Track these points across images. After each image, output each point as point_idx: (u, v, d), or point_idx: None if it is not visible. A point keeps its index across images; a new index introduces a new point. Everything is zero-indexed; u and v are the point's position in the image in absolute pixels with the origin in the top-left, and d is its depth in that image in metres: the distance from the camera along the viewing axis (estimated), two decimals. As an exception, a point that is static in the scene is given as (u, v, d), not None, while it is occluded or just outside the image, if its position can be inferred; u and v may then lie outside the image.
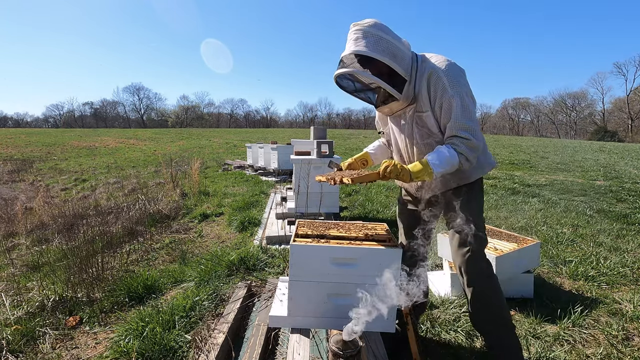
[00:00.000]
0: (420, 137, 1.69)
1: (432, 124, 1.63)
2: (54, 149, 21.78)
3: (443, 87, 1.54)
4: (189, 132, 42.34)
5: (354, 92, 1.72)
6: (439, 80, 1.54)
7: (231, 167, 11.69)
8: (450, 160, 1.51)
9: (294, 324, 1.93)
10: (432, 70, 1.55)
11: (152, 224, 4.98)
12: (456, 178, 1.72)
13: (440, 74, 1.54)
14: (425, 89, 1.58)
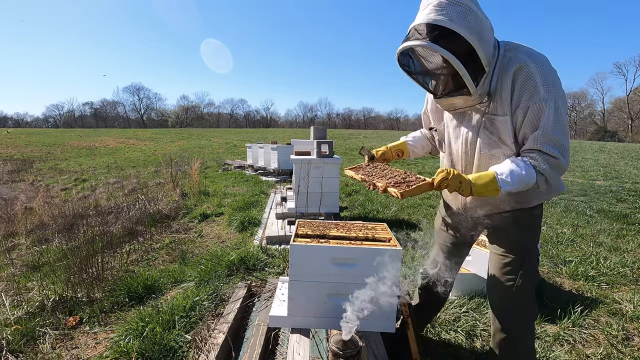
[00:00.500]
0: (486, 146, 1.37)
1: (506, 131, 1.31)
2: (54, 149, 21.78)
3: (534, 88, 1.22)
4: (189, 132, 42.35)
5: (412, 74, 1.36)
6: (529, 78, 1.23)
7: (231, 167, 11.70)
8: (526, 179, 1.23)
9: (294, 324, 1.93)
10: (522, 64, 1.23)
11: (152, 224, 4.98)
12: (512, 200, 1.42)
13: (532, 70, 1.22)
14: (508, 86, 1.26)
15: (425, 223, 4.76)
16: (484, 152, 1.39)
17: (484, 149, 1.38)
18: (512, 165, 1.25)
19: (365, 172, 1.57)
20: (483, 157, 1.39)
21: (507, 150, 1.34)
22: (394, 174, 1.46)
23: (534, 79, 1.22)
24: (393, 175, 1.46)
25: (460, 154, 1.48)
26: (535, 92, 1.22)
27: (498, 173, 1.24)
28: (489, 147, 1.37)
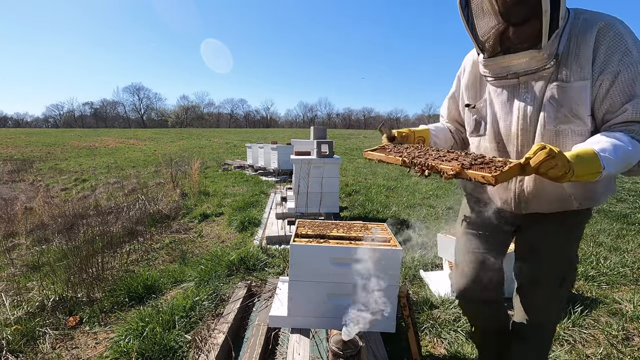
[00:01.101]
0: (551, 121, 1.15)
1: (582, 101, 1.09)
2: (54, 149, 21.78)
3: (625, 49, 1.03)
4: (189, 132, 42.36)
5: (471, 18, 1.20)
6: (618, 38, 1.03)
7: (231, 167, 11.70)
8: (633, 157, 1.01)
9: (294, 324, 1.93)
10: (607, 22, 1.06)
11: (152, 224, 4.98)
12: (581, 195, 1.21)
13: (620, 29, 1.04)
14: (588, 47, 1.06)
15: (424, 223, 4.77)
16: (548, 128, 1.16)
17: (548, 124, 1.15)
18: (612, 140, 0.99)
19: (397, 153, 1.29)
20: (547, 134, 1.16)
21: (579, 125, 1.12)
22: (440, 153, 1.18)
23: (624, 39, 1.03)
24: (440, 154, 1.17)
25: (515, 133, 1.23)
26: (627, 54, 1.03)
27: (599, 150, 0.95)
28: (556, 121, 1.14)
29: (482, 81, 1.34)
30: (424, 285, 3.00)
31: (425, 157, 1.15)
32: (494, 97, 1.29)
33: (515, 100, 1.22)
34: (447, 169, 1.02)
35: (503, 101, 1.26)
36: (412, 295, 2.75)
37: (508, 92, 1.24)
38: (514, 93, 1.22)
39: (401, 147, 1.33)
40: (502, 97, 1.26)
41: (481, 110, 1.36)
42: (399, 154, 1.24)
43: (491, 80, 1.27)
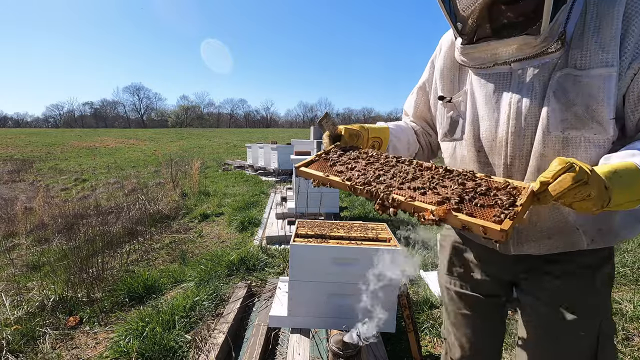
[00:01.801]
0: (557, 123, 0.83)
1: (603, 97, 0.79)
2: (54, 149, 21.79)
3: None
4: (188, 132, 42.36)
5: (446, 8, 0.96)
6: None
7: (231, 167, 11.70)
8: None
9: (294, 324, 1.93)
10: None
11: (152, 224, 4.98)
12: (594, 228, 0.88)
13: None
14: (613, 21, 0.78)
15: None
16: (552, 135, 0.83)
17: (553, 128, 0.82)
18: None
19: (341, 170, 0.94)
20: (549, 143, 0.83)
21: (597, 132, 0.80)
22: (406, 169, 0.90)
23: None
24: (407, 172, 0.88)
25: (503, 138, 0.90)
26: None
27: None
28: (564, 125, 0.81)
29: (463, 67, 1.03)
30: (424, 285, 3.00)
31: (386, 181, 0.84)
32: (476, 88, 0.98)
33: (505, 93, 0.91)
34: (425, 208, 0.72)
35: (488, 93, 0.94)
36: (412, 295, 2.75)
37: (495, 82, 0.93)
38: (504, 83, 0.92)
39: (349, 154, 1.01)
40: (488, 88, 0.95)
41: (459, 105, 1.03)
42: (343, 173, 0.91)
43: (473, 68, 0.98)
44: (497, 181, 0.78)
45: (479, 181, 0.79)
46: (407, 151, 1.23)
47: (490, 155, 0.95)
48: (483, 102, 0.96)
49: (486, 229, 0.64)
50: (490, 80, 0.95)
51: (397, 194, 0.78)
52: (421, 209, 0.73)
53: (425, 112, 1.25)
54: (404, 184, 0.82)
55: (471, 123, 0.99)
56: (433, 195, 0.76)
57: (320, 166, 1.00)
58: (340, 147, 1.06)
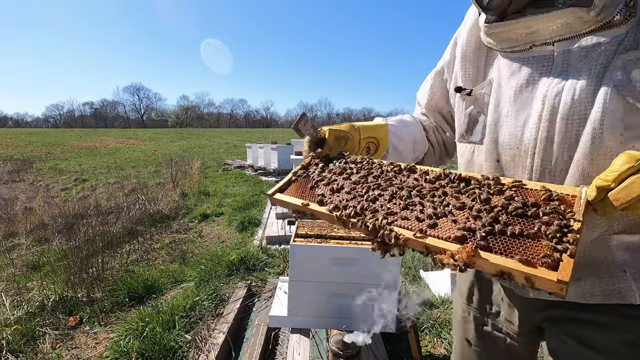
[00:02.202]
0: (617, 126, 0.60)
1: None
2: (54, 149, 21.78)
3: None
4: (188, 132, 42.38)
5: None
6: None
7: (231, 167, 11.70)
8: None
9: (294, 324, 1.93)
10: None
11: (152, 224, 4.98)
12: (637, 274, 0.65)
13: None
14: None
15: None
16: (608, 143, 0.60)
17: (610, 132, 0.60)
18: None
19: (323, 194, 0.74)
20: (600, 158, 0.61)
21: None
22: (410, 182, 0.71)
23: None
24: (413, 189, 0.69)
25: (527, 148, 0.70)
26: None
27: None
28: (630, 134, 0.59)
29: (488, 51, 0.83)
30: (424, 285, 3.00)
31: (384, 206, 0.65)
32: (504, 77, 0.76)
33: (541, 84, 0.68)
34: (442, 249, 0.53)
35: (519, 84, 0.72)
36: (411, 296, 2.75)
37: (530, 69, 0.71)
38: (542, 70, 0.69)
39: (333, 167, 0.81)
40: (519, 77, 0.73)
41: (481, 99, 0.82)
42: (326, 198, 0.72)
43: (503, 51, 0.77)
44: (533, 189, 0.58)
45: (509, 193, 0.59)
46: (412, 153, 1.03)
47: (511, 169, 0.73)
48: (511, 96, 0.74)
49: (534, 279, 0.44)
50: (525, 67, 0.72)
51: (401, 227, 0.59)
52: (437, 249, 0.54)
53: (442, 102, 1.01)
54: (409, 209, 0.63)
55: (493, 123, 0.77)
56: (449, 224, 0.56)
57: (299, 188, 0.79)
58: (323, 157, 0.85)
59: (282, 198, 0.78)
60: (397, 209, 0.64)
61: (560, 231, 0.49)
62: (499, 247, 0.51)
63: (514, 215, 0.55)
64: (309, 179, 0.81)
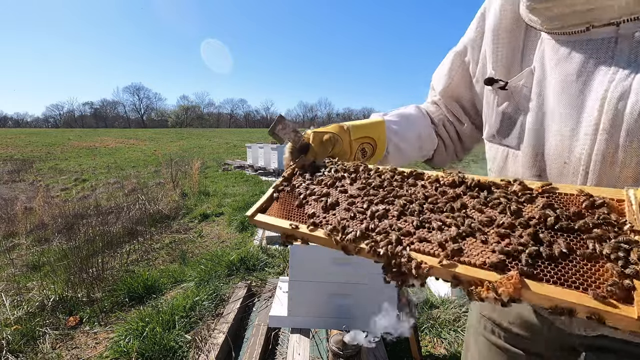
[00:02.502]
0: None
1: None
2: (54, 149, 21.79)
3: None
4: (188, 132, 42.39)
5: None
6: None
7: (231, 167, 11.70)
8: None
9: (294, 324, 1.93)
10: None
11: (152, 224, 4.98)
12: None
13: None
14: None
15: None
16: None
17: None
18: None
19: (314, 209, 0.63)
20: None
21: None
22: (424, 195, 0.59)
23: None
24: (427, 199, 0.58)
25: (577, 162, 0.56)
26: None
27: None
28: None
29: (529, 30, 0.65)
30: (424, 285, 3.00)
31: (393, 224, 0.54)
32: (549, 66, 0.61)
33: (599, 76, 0.54)
34: (478, 279, 0.43)
35: (568, 76, 0.57)
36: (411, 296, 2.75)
37: (584, 54, 0.56)
38: (601, 58, 0.54)
39: (323, 179, 0.69)
40: (569, 66, 0.57)
41: (519, 93, 0.66)
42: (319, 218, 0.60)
43: (549, 30, 0.60)
44: (568, 195, 0.49)
45: (541, 200, 0.49)
46: (418, 152, 0.89)
47: (564, 171, 0.58)
48: (557, 92, 0.58)
49: (603, 315, 0.36)
50: (576, 52, 0.56)
51: (420, 251, 0.49)
52: (470, 279, 0.43)
53: (461, 89, 0.85)
54: (425, 227, 0.52)
55: (534, 126, 0.62)
56: (479, 245, 0.46)
57: (283, 206, 0.67)
58: (308, 166, 0.73)
59: (264, 220, 0.65)
60: (411, 228, 0.53)
61: (621, 248, 0.39)
62: (550, 274, 0.40)
63: (557, 229, 0.44)
64: (294, 193, 0.68)
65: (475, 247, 0.46)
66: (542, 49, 0.62)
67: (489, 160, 0.76)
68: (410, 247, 0.50)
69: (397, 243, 0.51)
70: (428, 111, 0.92)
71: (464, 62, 0.83)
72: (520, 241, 0.44)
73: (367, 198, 0.61)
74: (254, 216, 0.67)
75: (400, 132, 0.86)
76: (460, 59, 0.83)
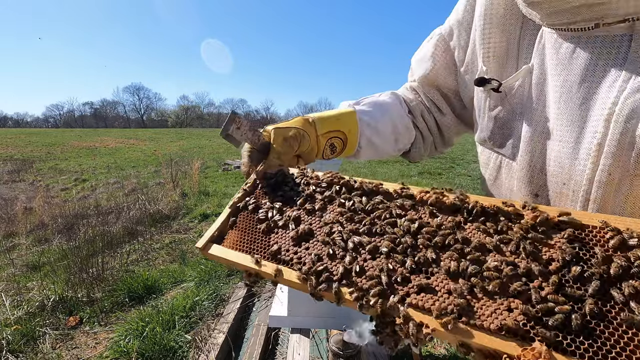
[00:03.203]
0: None
1: None
2: (54, 149, 21.77)
3: None
4: (188, 132, 42.37)
5: None
6: None
7: (231, 167, 11.70)
8: None
9: (294, 324, 1.93)
10: None
11: (152, 224, 4.98)
12: None
13: None
14: None
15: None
16: None
17: None
18: None
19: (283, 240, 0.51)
20: None
21: None
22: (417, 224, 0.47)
23: None
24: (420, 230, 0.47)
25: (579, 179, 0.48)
26: None
27: None
28: None
29: (527, 19, 0.56)
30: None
31: (382, 268, 0.44)
32: (551, 66, 0.52)
33: (606, 79, 0.46)
34: (492, 349, 0.34)
35: (572, 79, 0.49)
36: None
37: (591, 53, 0.47)
38: (610, 59, 0.46)
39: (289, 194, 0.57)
40: (571, 68, 0.49)
41: (514, 96, 0.58)
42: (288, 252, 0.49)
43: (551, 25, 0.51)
44: (590, 227, 0.38)
45: (560, 239, 0.38)
46: (393, 146, 0.80)
47: (557, 200, 0.51)
48: (557, 99, 0.50)
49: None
50: (582, 50, 0.47)
51: (419, 306, 0.39)
52: (483, 349, 0.34)
53: (445, 78, 0.74)
54: (423, 271, 0.42)
55: (532, 137, 0.53)
56: (490, 302, 0.37)
57: (245, 233, 0.52)
58: (271, 175, 0.60)
59: (219, 254, 0.51)
60: (405, 272, 0.42)
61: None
62: (584, 346, 0.30)
63: (584, 278, 0.34)
64: (257, 215, 0.54)
65: (487, 305, 0.36)
66: (542, 44, 0.52)
67: (482, 165, 0.68)
68: (407, 300, 0.39)
69: (392, 298, 0.40)
70: (405, 99, 0.81)
71: (449, 47, 0.71)
72: (539, 295, 0.34)
73: (349, 227, 0.49)
74: (206, 248, 0.53)
75: (374, 124, 0.76)
76: (444, 43, 0.72)
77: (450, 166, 10.82)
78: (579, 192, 0.47)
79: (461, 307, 0.37)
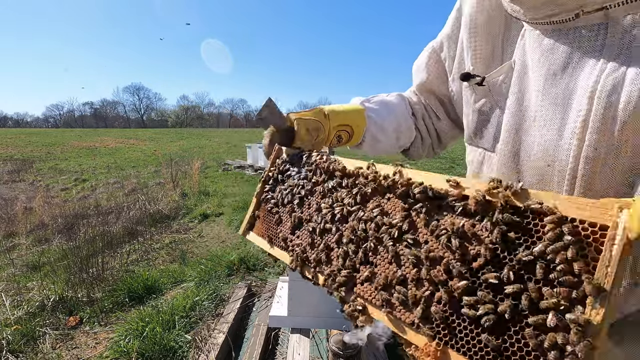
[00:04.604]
0: None
1: None
2: (54, 149, 21.78)
3: None
4: (188, 132, 42.39)
5: None
6: None
7: (231, 167, 11.70)
8: None
9: (294, 324, 1.93)
10: None
11: (152, 224, 4.98)
12: None
13: None
14: None
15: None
16: None
17: None
18: None
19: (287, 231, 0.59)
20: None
21: None
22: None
23: None
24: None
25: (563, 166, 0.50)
26: None
27: None
28: None
29: (509, 22, 0.61)
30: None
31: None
32: (532, 59, 0.55)
33: (587, 68, 0.48)
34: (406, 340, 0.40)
35: (551, 70, 0.52)
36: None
37: (570, 46, 0.50)
38: (589, 48, 0.48)
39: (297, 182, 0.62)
40: (552, 59, 0.52)
41: (498, 89, 0.61)
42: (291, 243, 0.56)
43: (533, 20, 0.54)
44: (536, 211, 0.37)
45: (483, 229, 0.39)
46: (395, 143, 0.86)
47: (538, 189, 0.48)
48: (540, 88, 0.52)
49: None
50: (561, 44, 0.50)
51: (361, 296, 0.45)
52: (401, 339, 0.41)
53: (437, 85, 0.82)
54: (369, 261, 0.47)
55: (512, 126, 0.56)
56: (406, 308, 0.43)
57: (265, 221, 0.64)
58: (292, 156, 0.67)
59: (253, 239, 0.66)
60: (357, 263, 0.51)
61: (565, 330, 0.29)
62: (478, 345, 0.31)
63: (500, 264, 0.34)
64: (269, 206, 0.65)
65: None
66: (524, 42, 0.57)
67: (468, 164, 0.73)
68: (356, 289, 0.48)
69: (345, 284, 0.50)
70: (410, 101, 0.90)
71: (440, 59, 0.80)
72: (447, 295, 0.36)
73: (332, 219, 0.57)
74: (245, 234, 0.70)
75: (380, 122, 0.84)
76: (436, 55, 0.81)
77: (450, 166, 10.82)
78: (565, 171, 0.49)
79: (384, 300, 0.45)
